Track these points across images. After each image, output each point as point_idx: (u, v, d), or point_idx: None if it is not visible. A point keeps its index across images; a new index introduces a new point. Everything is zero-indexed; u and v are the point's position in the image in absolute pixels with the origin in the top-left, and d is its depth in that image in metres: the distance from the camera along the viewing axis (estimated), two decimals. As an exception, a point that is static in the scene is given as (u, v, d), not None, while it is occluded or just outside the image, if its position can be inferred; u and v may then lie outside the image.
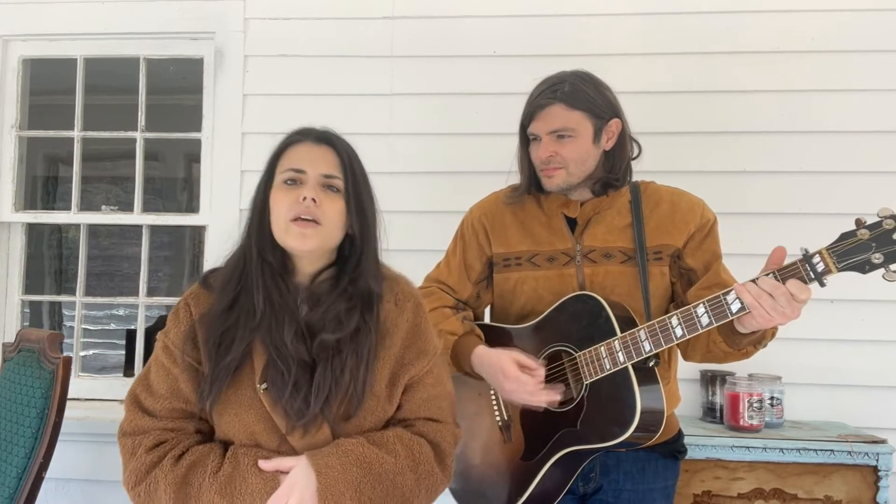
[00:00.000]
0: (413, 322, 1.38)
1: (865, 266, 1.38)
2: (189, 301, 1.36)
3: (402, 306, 1.38)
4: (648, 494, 1.68)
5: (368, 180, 1.38)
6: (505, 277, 1.77)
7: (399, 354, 1.35)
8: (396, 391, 1.34)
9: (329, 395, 1.25)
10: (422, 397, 1.37)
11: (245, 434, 1.28)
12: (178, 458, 1.26)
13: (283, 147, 1.38)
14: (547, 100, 1.65)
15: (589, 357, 1.59)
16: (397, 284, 1.41)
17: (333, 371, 1.26)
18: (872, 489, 2.16)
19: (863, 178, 2.53)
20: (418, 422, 1.36)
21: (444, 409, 1.40)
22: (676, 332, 1.53)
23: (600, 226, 1.70)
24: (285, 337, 1.27)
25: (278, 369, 1.25)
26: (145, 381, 1.35)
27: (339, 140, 1.38)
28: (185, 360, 1.30)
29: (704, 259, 1.68)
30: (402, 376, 1.35)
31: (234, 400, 1.28)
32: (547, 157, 1.66)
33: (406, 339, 1.37)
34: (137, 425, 1.30)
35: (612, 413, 1.56)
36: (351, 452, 1.25)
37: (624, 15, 2.66)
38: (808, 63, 2.59)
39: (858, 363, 2.51)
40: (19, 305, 2.91)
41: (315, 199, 1.28)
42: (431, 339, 1.40)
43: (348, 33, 2.75)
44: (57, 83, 3.05)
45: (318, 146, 1.35)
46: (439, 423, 1.38)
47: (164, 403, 1.31)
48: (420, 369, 1.36)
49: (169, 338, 1.34)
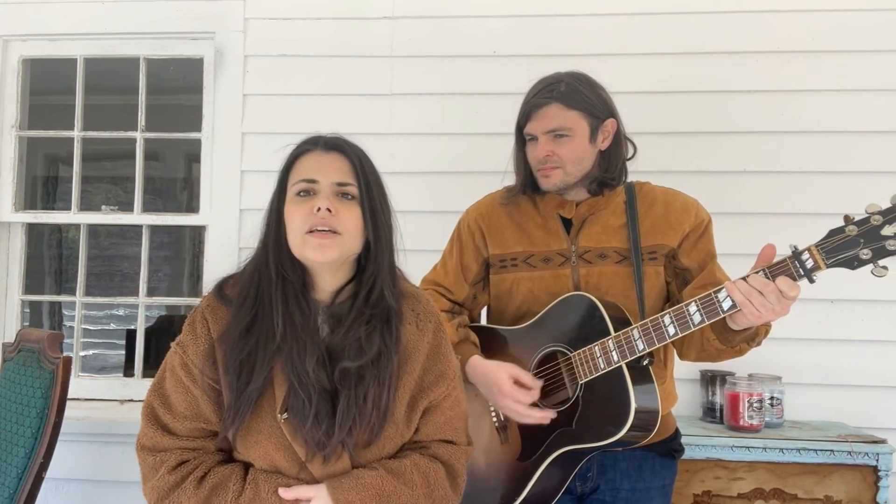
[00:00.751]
0: (433, 344, 1.35)
1: (854, 262, 1.38)
2: (206, 315, 1.31)
3: (423, 328, 1.35)
4: (646, 493, 1.68)
5: (382, 184, 1.35)
6: (501, 278, 1.77)
7: (419, 378, 1.32)
8: (415, 416, 1.32)
9: (352, 426, 1.23)
10: (439, 421, 1.35)
11: (265, 460, 1.26)
12: (200, 479, 1.25)
13: (293, 158, 1.34)
14: (543, 99, 1.66)
15: (583, 357, 1.60)
16: (419, 303, 1.37)
17: (357, 400, 1.23)
18: (872, 489, 2.16)
19: (861, 178, 2.53)
20: (434, 444, 1.35)
21: (460, 430, 1.39)
22: (669, 330, 1.53)
23: (595, 226, 1.71)
24: (307, 365, 1.23)
25: (299, 398, 1.22)
26: (162, 394, 1.31)
27: (350, 145, 1.34)
28: (206, 381, 1.28)
29: (699, 259, 1.69)
30: (421, 400, 1.32)
31: (254, 428, 1.25)
32: (544, 156, 1.66)
33: (426, 361, 1.34)
34: (158, 442, 1.28)
35: (607, 412, 1.56)
36: (370, 486, 1.23)
37: (623, 15, 2.66)
38: (808, 63, 2.59)
39: (858, 363, 2.50)
40: (19, 305, 2.91)
41: (330, 209, 1.24)
42: (451, 360, 1.37)
43: (348, 33, 2.75)
44: (57, 83, 3.05)
45: (327, 154, 1.32)
46: (453, 444, 1.37)
47: (184, 423, 1.29)
48: (439, 394, 1.34)
49: (188, 355, 1.30)
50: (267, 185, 1.42)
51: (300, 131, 2.92)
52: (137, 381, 2.84)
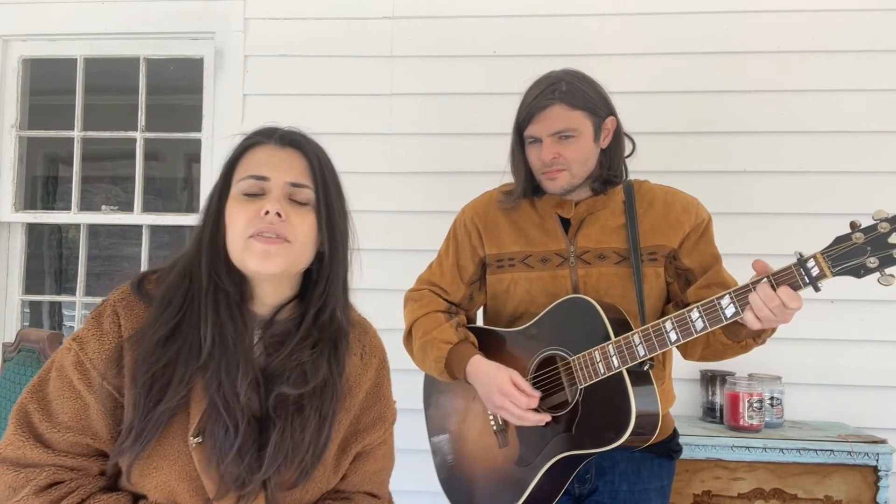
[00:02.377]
0: (375, 381, 1.20)
1: (860, 270, 1.37)
2: (118, 309, 1.10)
3: (367, 361, 1.19)
4: (644, 495, 1.68)
5: (342, 189, 1.17)
6: (498, 278, 1.76)
7: (355, 418, 1.17)
8: (345, 459, 1.16)
9: (283, 463, 1.04)
10: (369, 470, 1.20)
11: (162, 492, 1.04)
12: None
13: (242, 150, 1.15)
14: (547, 100, 1.62)
15: (583, 361, 1.58)
16: (366, 335, 1.22)
17: (293, 433, 1.05)
18: (872, 489, 2.16)
19: (862, 179, 2.53)
20: (357, 496, 1.19)
21: (385, 483, 1.25)
22: (671, 336, 1.52)
23: (594, 226, 1.69)
24: (238, 386, 1.03)
25: (222, 424, 1.02)
26: (42, 397, 1.07)
27: (309, 141, 1.16)
28: (104, 387, 1.05)
29: (701, 259, 1.68)
30: (354, 443, 1.17)
31: (157, 451, 1.04)
32: (550, 159, 1.63)
33: (366, 400, 1.19)
34: (26, 455, 1.03)
35: (607, 418, 1.55)
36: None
37: (623, 15, 2.66)
38: (808, 63, 2.59)
39: (858, 363, 2.50)
40: (19, 305, 2.91)
41: (280, 214, 1.06)
42: (390, 403, 1.23)
43: (348, 33, 2.75)
44: (57, 83, 3.05)
45: (282, 149, 1.13)
46: (377, 499, 1.22)
47: (65, 436, 1.05)
48: (375, 438, 1.19)
49: (86, 353, 1.07)
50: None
51: (300, 131, 2.92)
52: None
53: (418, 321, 1.77)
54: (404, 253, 2.49)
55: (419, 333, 1.75)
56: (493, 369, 1.64)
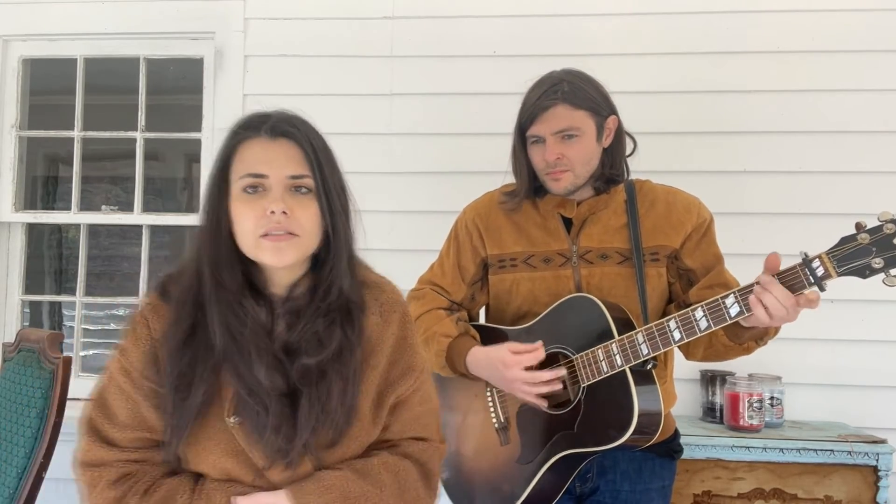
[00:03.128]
0: (399, 335, 1.24)
1: (865, 271, 1.37)
2: (147, 315, 1.19)
3: (387, 318, 1.24)
4: (646, 494, 1.68)
5: (337, 166, 1.19)
6: (500, 278, 1.76)
7: (385, 371, 1.22)
8: (382, 412, 1.22)
9: (316, 426, 1.12)
10: (409, 417, 1.26)
11: (217, 470, 1.15)
12: (144, 493, 1.14)
13: (234, 144, 1.17)
14: (550, 100, 1.62)
15: (586, 360, 1.59)
16: (382, 292, 1.26)
17: (320, 398, 1.12)
18: (872, 489, 2.16)
19: (863, 179, 2.53)
20: (404, 442, 1.26)
21: (431, 426, 1.30)
22: (674, 335, 1.53)
23: (596, 226, 1.70)
24: (257, 373, 1.11)
25: (251, 407, 1.11)
26: (102, 404, 1.19)
27: (298, 127, 1.17)
28: (147, 385, 1.15)
29: (703, 259, 1.68)
30: (388, 396, 1.22)
31: (201, 435, 1.14)
32: (554, 159, 1.63)
33: (392, 354, 1.23)
34: (98, 456, 1.17)
35: (609, 416, 1.55)
36: (334, 488, 1.13)
37: (623, 15, 2.66)
38: (808, 63, 2.59)
39: (858, 363, 2.50)
40: (19, 305, 2.91)
41: (286, 212, 1.11)
42: (418, 353, 1.27)
43: (348, 33, 2.75)
44: (57, 83, 3.05)
45: (275, 141, 1.15)
46: (425, 441, 1.28)
47: (127, 433, 1.16)
48: (407, 387, 1.24)
49: (128, 359, 1.18)
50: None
51: (300, 131, 2.91)
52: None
53: (420, 318, 1.77)
54: (404, 253, 2.49)
55: (421, 330, 1.75)
56: (491, 350, 1.64)
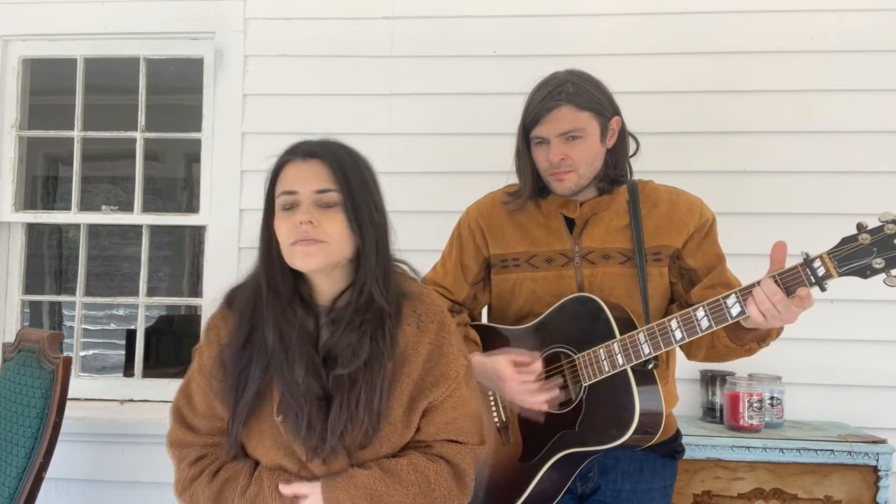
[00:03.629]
0: (435, 344, 1.33)
1: (866, 271, 1.38)
2: (217, 322, 1.38)
3: (424, 328, 1.33)
4: (647, 494, 1.68)
5: (370, 182, 1.33)
6: (503, 278, 1.76)
7: (418, 379, 1.31)
8: (414, 416, 1.31)
9: (344, 430, 1.25)
10: (441, 421, 1.33)
11: (268, 459, 1.31)
12: (214, 473, 1.32)
13: (276, 171, 1.34)
14: (554, 101, 1.62)
15: (588, 359, 1.59)
16: (421, 303, 1.35)
17: (349, 406, 1.25)
18: (872, 489, 2.16)
19: (863, 179, 2.53)
20: (437, 443, 1.34)
21: (466, 430, 1.36)
22: (676, 335, 1.53)
23: (598, 227, 1.70)
24: (296, 375, 1.26)
25: (292, 408, 1.27)
26: (187, 394, 1.39)
27: (329, 148, 1.32)
28: (215, 383, 1.34)
29: (705, 259, 1.68)
30: (420, 401, 1.31)
31: (256, 428, 1.31)
32: (558, 160, 1.64)
33: (427, 362, 1.32)
34: (182, 439, 1.37)
35: (610, 416, 1.56)
36: (361, 486, 1.25)
37: (624, 15, 2.66)
38: (808, 63, 2.59)
39: (858, 363, 2.50)
40: (19, 305, 2.91)
41: (312, 221, 1.25)
42: (454, 361, 1.34)
43: (348, 33, 2.75)
44: (57, 83, 3.05)
45: (306, 162, 1.30)
46: (459, 443, 1.35)
47: (203, 422, 1.37)
48: (440, 394, 1.32)
49: (203, 359, 1.37)
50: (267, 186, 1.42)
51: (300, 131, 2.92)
52: (137, 381, 2.84)
53: None
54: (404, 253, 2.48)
55: None
56: (490, 360, 1.64)
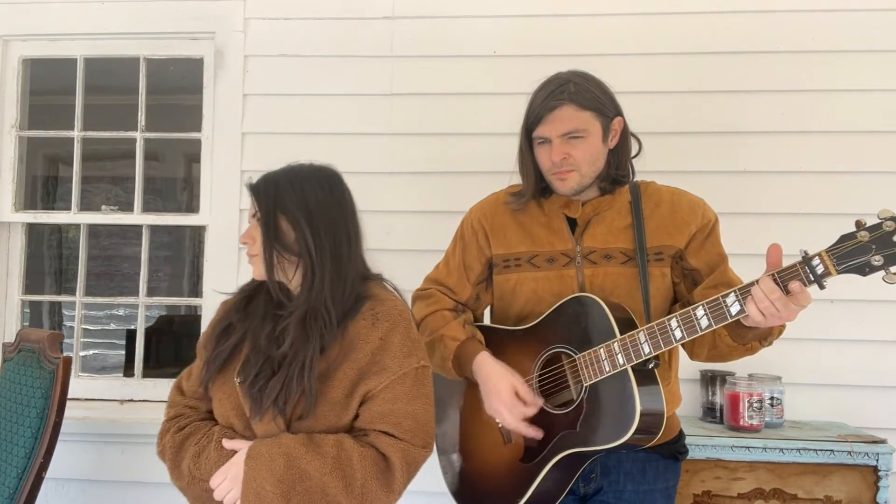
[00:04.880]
0: (385, 339, 1.45)
1: (865, 268, 1.37)
2: (225, 302, 1.63)
3: (378, 325, 1.46)
4: (649, 495, 1.68)
5: (309, 204, 1.48)
6: (505, 278, 1.76)
7: (363, 367, 1.44)
8: (353, 401, 1.44)
9: (279, 394, 1.41)
10: (377, 410, 1.43)
11: (223, 417, 1.51)
12: (181, 428, 1.52)
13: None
14: (557, 101, 1.63)
15: (588, 359, 1.59)
16: (381, 305, 1.49)
17: (285, 376, 1.41)
18: (872, 489, 2.16)
19: (863, 179, 2.53)
20: (372, 433, 1.43)
21: (404, 426, 1.43)
22: (676, 334, 1.53)
23: (600, 226, 1.70)
24: (261, 337, 1.48)
25: (249, 369, 1.46)
26: (190, 368, 1.63)
27: (265, 179, 1.53)
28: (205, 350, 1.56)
29: (707, 259, 1.68)
30: (360, 388, 1.43)
31: (221, 386, 1.51)
32: (560, 159, 1.64)
33: (374, 353, 1.45)
34: (171, 400, 1.60)
35: (611, 415, 1.56)
36: (284, 445, 1.39)
37: (624, 15, 2.66)
38: (808, 63, 2.59)
39: (858, 363, 2.50)
40: (19, 305, 2.91)
41: (246, 242, 1.53)
42: (399, 357, 1.45)
43: (348, 33, 2.75)
44: (57, 83, 3.05)
45: (252, 188, 1.54)
46: (394, 438, 1.42)
47: (191, 385, 1.58)
48: (378, 383, 1.43)
49: (205, 333, 1.61)
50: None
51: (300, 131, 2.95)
52: (137, 381, 2.84)
53: (426, 319, 1.78)
54: (404, 253, 2.49)
55: (427, 332, 1.76)
56: (497, 374, 1.65)
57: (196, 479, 1.46)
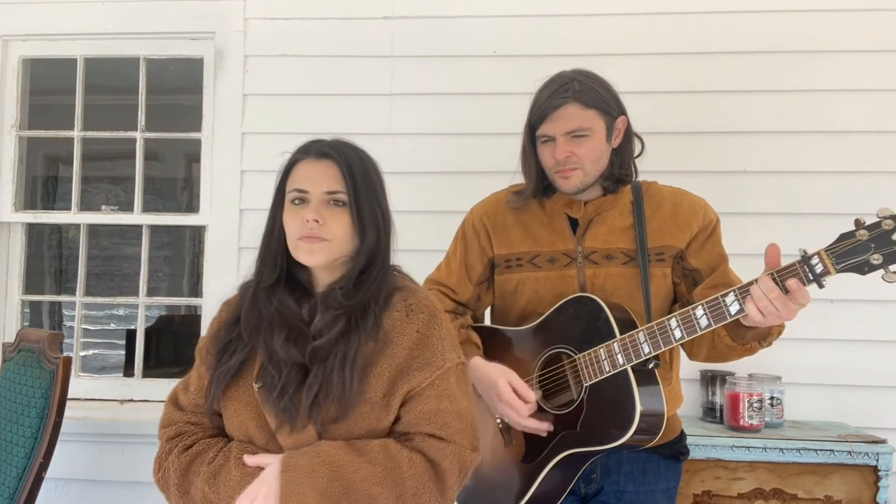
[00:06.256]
0: (423, 333, 1.33)
1: (864, 267, 1.37)
2: (223, 307, 1.47)
3: (412, 317, 1.34)
4: (650, 496, 1.68)
5: (378, 186, 1.40)
6: (506, 278, 1.76)
7: (402, 364, 1.31)
8: (394, 401, 1.30)
9: (318, 395, 1.27)
10: (422, 410, 1.30)
11: (240, 430, 1.34)
12: (187, 448, 1.35)
13: (289, 166, 1.40)
14: (561, 100, 1.62)
15: (588, 359, 1.59)
16: (413, 295, 1.38)
17: (325, 372, 1.28)
18: (872, 489, 2.16)
19: (863, 179, 2.53)
20: (418, 436, 1.29)
21: (452, 427, 1.30)
22: (675, 333, 1.53)
23: (602, 227, 1.70)
24: (275, 344, 1.32)
25: (270, 373, 1.31)
26: (186, 379, 1.46)
27: (341, 150, 1.38)
28: (209, 358, 1.39)
29: (708, 259, 1.68)
30: (401, 386, 1.30)
31: (235, 396, 1.35)
32: (564, 157, 1.63)
33: (413, 349, 1.32)
34: (168, 418, 1.42)
35: (611, 415, 1.55)
36: (324, 454, 1.23)
37: (624, 15, 2.66)
38: (808, 63, 2.59)
39: (858, 363, 2.51)
40: (19, 305, 2.91)
41: (318, 220, 1.32)
42: (441, 352, 1.33)
43: (348, 33, 2.75)
44: (57, 83, 3.05)
45: (318, 162, 1.36)
46: (443, 441, 1.29)
47: (191, 399, 1.41)
48: (422, 380, 1.30)
49: (204, 339, 1.44)
50: (267, 185, 1.43)
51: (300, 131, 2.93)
52: (137, 381, 2.84)
53: None
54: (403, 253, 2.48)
55: None
56: (492, 372, 1.64)
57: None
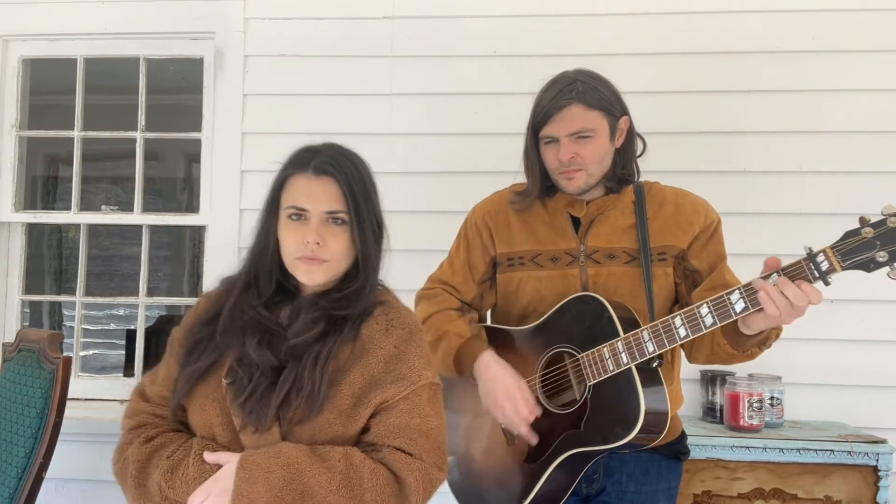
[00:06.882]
0: (400, 349, 1.33)
1: (870, 264, 1.37)
2: (202, 299, 1.44)
3: (392, 332, 1.34)
4: (651, 496, 1.67)
5: (373, 197, 1.37)
6: (508, 277, 1.76)
7: (376, 375, 1.30)
8: (363, 410, 1.28)
9: (289, 393, 1.25)
10: (393, 423, 1.29)
11: (205, 427, 1.31)
12: (149, 439, 1.33)
13: (284, 178, 1.36)
14: (565, 100, 1.62)
15: (592, 358, 1.58)
16: (396, 312, 1.38)
17: (298, 370, 1.27)
18: (872, 489, 2.16)
19: (863, 178, 2.53)
20: (385, 448, 1.28)
21: (420, 445, 1.29)
22: (680, 332, 1.52)
23: (604, 226, 1.70)
24: (247, 346, 1.30)
25: (240, 375, 1.28)
26: (155, 370, 1.43)
27: (341, 165, 1.34)
28: (180, 351, 1.36)
29: (709, 260, 1.68)
30: (373, 397, 1.28)
31: (203, 392, 1.32)
32: (568, 158, 1.63)
33: (388, 362, 1.31)
34: (133, 408, 1.40)
35: (615, 415, 1.55)
36: (284, 455, 1.22)
37: (624, 15, 2.66)
38: (808, 63, 2.59)
39: (858, 363, 2.51)
40: (19, 305, 2.91)
41: (319, 242, 1.30)
42: (417, 368, 1.32)
43: (348, 33, 2.75)
44: (57, 83, 3.05)
45: (318, 179, 1.32)
46: (411, 456, 1.27)
47: (157, 390, 1.38)
48: (395, 393, 1.29)
49: (177, 331, 1.41)
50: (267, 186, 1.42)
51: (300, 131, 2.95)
52: (137, 381, 2.84)
53: (431, 317, 1.77)
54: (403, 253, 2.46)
55: (432, 330, 1.74)
56: (502, 375, 1.64)
57: (168, 499, 1.26)
